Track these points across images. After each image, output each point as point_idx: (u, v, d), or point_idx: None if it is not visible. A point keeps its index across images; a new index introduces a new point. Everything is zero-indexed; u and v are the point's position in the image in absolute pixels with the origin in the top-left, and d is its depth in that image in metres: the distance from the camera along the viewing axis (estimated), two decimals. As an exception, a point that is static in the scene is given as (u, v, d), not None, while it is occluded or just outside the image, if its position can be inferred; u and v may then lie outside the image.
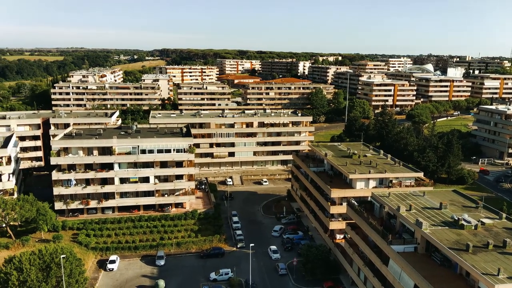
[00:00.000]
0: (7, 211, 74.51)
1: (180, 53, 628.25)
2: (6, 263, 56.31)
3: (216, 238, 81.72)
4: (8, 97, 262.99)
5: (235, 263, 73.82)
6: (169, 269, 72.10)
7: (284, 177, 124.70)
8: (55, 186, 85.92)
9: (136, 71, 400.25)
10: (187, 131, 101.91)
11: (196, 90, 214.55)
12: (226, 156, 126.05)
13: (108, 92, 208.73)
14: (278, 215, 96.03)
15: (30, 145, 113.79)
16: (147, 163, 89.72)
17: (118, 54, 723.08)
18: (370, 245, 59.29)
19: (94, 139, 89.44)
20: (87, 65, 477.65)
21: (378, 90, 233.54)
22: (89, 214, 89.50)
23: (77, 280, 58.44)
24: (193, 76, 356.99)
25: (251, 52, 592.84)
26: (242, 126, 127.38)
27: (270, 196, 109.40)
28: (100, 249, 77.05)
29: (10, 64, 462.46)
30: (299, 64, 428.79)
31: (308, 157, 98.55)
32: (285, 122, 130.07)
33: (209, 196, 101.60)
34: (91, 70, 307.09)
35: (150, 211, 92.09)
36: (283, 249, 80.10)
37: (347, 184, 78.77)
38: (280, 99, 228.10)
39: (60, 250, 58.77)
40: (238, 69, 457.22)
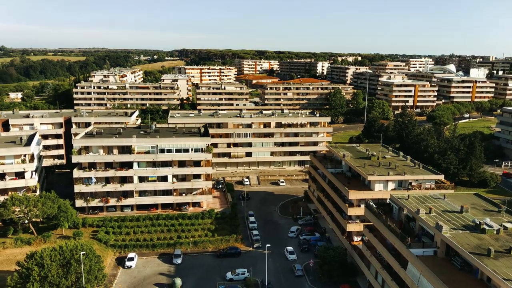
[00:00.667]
0: (30, 207, 76.42)
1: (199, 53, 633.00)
2: (28, 258, 57.73)
3: (233, 237, 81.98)
4: (32, 96, 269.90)
5: (251, 263, 73.88)
6: (186, 268, 72.68)
7: (301, 178, 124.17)
8: (76, 184, 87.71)
9: (155, 71, 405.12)
10: (205, 131, 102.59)
11: (214, 90, 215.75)
12: (243, 156, 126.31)
13: (128, 92, 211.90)
14: (295, 216, 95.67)
15: (52, 144, 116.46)
16: (166, 162, 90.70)
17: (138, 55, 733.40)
18: (388, 248, 58.44)
19: (114, 138, 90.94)
20: (108, 65, 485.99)
21: (398, 90, 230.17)
22: (108, 212, 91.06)
23: (96, 276, 59.47)
24: (212, 76, 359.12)
25: (270, 52, 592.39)
26: (259, 126, 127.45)
27: (287, 196, 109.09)
28: (119, 246, 78.26)
29: (34, 64, 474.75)
30: (317, 64, 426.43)
31: (325, 158, 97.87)
32: (302, 122, 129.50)
33: (226, 196, 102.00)
34: (112, 70, 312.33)
35: (168, 209, 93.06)
36: (300, 250, 79.75)
37: (365, 186, 77.86)
38: (298, 100, 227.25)
39: (80, 247, 59.91)
40: (256, 69, 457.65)
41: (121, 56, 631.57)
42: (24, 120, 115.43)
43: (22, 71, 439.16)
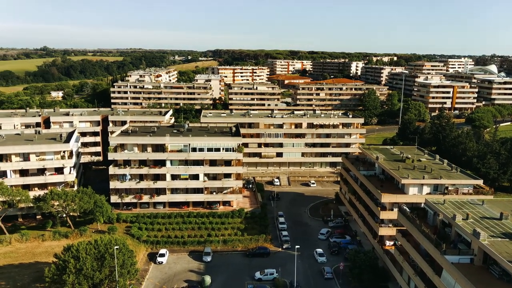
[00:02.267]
0: (68, 202, 79.42)
1: (232, 53, 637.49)
2: (65, 251, 60.01)
3: (262, 237, 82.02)
4: (72, 95, 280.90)
5: (280, 263, 73.63)
6: (215, 266, 73.37)
7: (332, 180, 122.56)
8: (112, 180, 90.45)
9: (189, 71, 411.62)
10: (236, 131, 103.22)
11: (246, 90, 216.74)
12: (274, 156, 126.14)
13: (163, 91, 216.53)
14: (325, 218, 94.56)
15: (90, 141, 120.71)
16: (197, 161, 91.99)
17: (173, 55, 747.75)
18: (422, 253, 56.65)
19: (148, 136, 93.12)
20: (144, 65, 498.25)
21: (435, 92, 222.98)
22: (141, 208, 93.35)
23: (128, 271, 61.00)
24: (244, 76, 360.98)
25: (303, 53, 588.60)
26: (291, 126, 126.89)
27: (318, 198, 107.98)
28: (151, 242, 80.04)
29: (75, 64, 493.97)
30: (351, 65, 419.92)
31: (358, 160, 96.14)
32: (335, 123, 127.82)
33: (256, 196, 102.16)
34: (148, 70, 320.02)
35: (198, 207, 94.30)
36: (330, 253, 78.73)
37: (399, 189, 75.86)
38: (331, 100, 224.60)
39: (114, 242, 61.64)
40: (288, 69, 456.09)
41: (157, 56, 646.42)
42: (64, 118, 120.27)
43: (63, 71, 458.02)
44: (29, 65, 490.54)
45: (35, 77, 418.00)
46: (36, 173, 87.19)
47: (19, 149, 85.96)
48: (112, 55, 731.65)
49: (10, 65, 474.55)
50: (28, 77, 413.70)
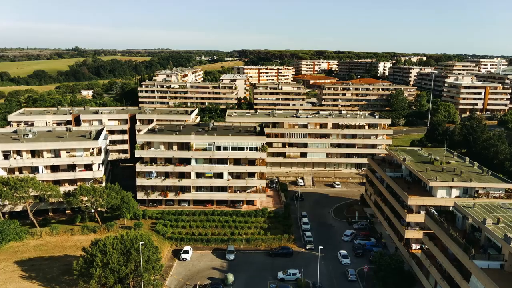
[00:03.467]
0: (96, 197, 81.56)
1: (257, 53, 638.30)
2: (92, 245, 61.64)
3: (285, 237, 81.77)
4: (101, 94, 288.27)
5: (303, 264, 73.22)
6: (238, 264, 73.65)
7: (357, 181, 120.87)
8: (138, 177, 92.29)
9: (215, 71, 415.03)
10: (260, 130, 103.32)
11: (271, 90, 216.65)
12: (298, 156, 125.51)
13: (189, 91, 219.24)
14: (350, 219, 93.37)
15: (118, 139, 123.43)
16: (222, 160, 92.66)
17: (199, 55, 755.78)
18: (449, 258, 55.10)
19: (174, 135, 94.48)
20: (171, 65, 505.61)
21: (466, 92, 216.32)
22: (166, 205, 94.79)
23: (153, 266, 62.02)
24: (269, 76, 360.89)
25: (329, 52, 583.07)
26: (315, 126, 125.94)
27: (342, 199, 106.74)
28: (175, 239, 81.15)
29: (104, 64, 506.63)
30: (379, 65, 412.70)
31: (384, 161, 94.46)
32: (361, 124, 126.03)
33: (280, 196, 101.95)
34: (175, 70, 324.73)
35: (222, 206, 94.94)
36: (354, 255, 77.70)
37: (426, 192, 74.04)
38: (357, 100, 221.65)
39: (140, 237, 62.86)
40: (314, 69, 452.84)
41: (184, 56, 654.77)
42: (93, 116, 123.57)
43: (94, 70, 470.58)
44: (61, 64, 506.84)
45: (67, 76, 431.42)
46: (66, 169, 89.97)
47: (51, 146, 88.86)
48: (140, 55, 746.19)
49: (43, 65, 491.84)
50: (60, 77, 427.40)
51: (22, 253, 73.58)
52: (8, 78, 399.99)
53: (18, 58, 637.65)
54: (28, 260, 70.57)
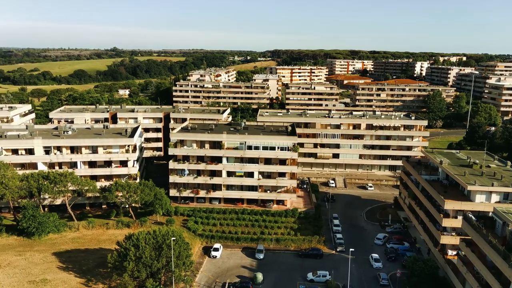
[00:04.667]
0: (130, 193, 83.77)
1: (290, 53, 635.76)
2: (126, 239, 63.36)
3: (315, 239, 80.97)
4: (137, 93, 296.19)
5: (333, 266, 72.23)
6: (268, 264, 73.59)
7: (391, 184, 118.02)
8: (171, 174, 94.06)
9: (248, 71, 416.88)
10: (292, 130, 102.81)
11: (303, 90, 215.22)
12: (330, 157, 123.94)
13: (221, 90, 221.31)
14: (383, 222, 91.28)
15: (152, 136, 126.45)
16: (253, 159, 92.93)
17: (233, 55, 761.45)
18: (488, 265, 52.70)
19: (206, 134, 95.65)
20: (205, 65, 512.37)
21: (509, 94, 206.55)
22: (198, 203, 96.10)
23: (184, 262, 63.06)
24: (302, 76, 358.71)
25: (364, 52, 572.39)
26: (348, 127, 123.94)
27: (375, 202, 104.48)
28: (206, 236, 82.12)
29: (141, 64, 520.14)
30: (415, 65, 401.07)
31: (420, 164, 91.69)
32: (396, 125, 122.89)
33: (310, 196, 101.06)
34: (208, 70, 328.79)
35: (252, 205, 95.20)
36: (386, 259, 75.90)
37: (464, 196, 71.21)
38: (392, 101, 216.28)
39: (171, 233, 64.03)
40: (348, 69, 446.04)
41: (217, 56, 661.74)
42: (129, 114, 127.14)
43: (130, 70, 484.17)
44: (100, 64, 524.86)
45: (105, 76, 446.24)
46: (103, 165, 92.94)
47: (89, 142, 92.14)
48: (175, 55, 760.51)
49: (83, 65, 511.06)
50: (99, 76, 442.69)
51: (60, 245, 76.68)
52: (51, 77, 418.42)
53: (60, 58, 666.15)
54: (66, 252, 73.44)
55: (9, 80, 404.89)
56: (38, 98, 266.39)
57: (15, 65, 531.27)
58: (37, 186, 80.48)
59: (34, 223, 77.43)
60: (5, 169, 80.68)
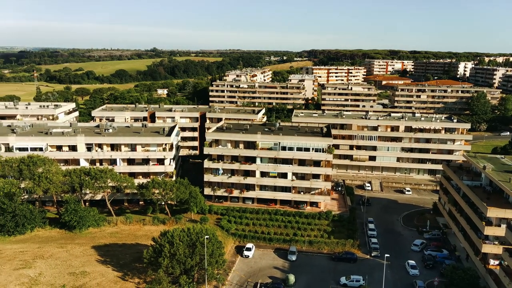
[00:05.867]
0: (166, 191, 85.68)
1: (327, 53, 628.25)
2: (162, 236, 64.84)
3: (349, 242, 79.58)
4: (175, 92, 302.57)
5: (368, 271, 70.69)
6: (300, 265, 73.07)
7: (430, 188, 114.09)
8: (206, 173, 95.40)
9: (284, 71, 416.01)
10: (327, 131, 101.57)
11: (340, 90, 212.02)
12: (366, 159, 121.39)
13: (257, 90, 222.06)
14: (420, 228, 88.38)
15: (189, 135, 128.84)
16: (286, 160, 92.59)
17: (269, 55, 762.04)
18: (534, 278, 49.83)
19: (241, 134, 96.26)
20: (241, 65, 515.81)
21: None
22: (231, 202, 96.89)
23: (217, 260, 63.73)
24: (339, 76, 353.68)
25: (404, 52, 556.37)
26: (386, 129, 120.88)
27: (413, 207, 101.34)
28: (239, 235, 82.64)
29: (179, 64, 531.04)
30: (459, 65, 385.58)
31: (461, 169, 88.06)
32: (436, 128, 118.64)
33: (345, 199, 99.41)
34: (244, 70, 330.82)
35: (285, 206, 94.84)
36: (423, 266, 73.40)
37: (508, 204, 67.64)
38: (433, 103, 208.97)
39: (205, 231, 64.92)
40: (387, 69, 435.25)
41: (253, 57, 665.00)
42: (167, 113, 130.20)
43: (169, 70, 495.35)
44: (140, 64, 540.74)
45: (145, 75, 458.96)
46: (141, 163, 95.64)
47: (128, 140, 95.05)
48: (212, 55, 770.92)
49: (124, 65, 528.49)
50: (139, 76, 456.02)
51: (99, 239, 79.59)
52: (94, 77, 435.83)
53: (103, 58, 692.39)
54: (104, 246, 76.12)
55: (55, 79, 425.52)
56: (82, 96, 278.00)
57: (61, 64, 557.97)
58: (79, 181, 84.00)
59: (75, 217, 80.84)
60: (49, 165, 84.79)
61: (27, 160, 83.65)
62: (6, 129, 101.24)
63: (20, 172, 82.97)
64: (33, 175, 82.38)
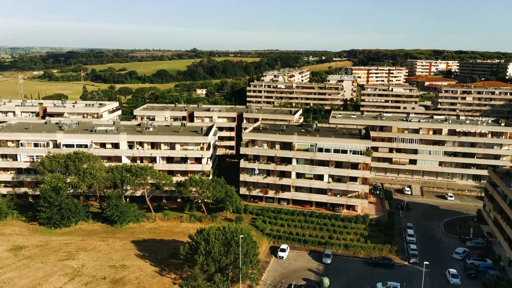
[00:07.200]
0: (203, 189, 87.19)
1: (368, 53, 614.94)
2: (198, 233, 66.05)
3: (387, 247, 77.64)
4: (213, 92, 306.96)
5: (405, 278, 68.73)
6: (335, 269, 72.12)
7: (474, 194, 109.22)
8: (242, 173, 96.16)
9: (322, 71, 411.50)
10: (366, 133, 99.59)
11: (380, 91, 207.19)
12: (406, 163, 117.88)
13: (294, 91, 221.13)
14: (463, 236, 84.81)
15: (226, 135, 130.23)
16: (323, 162, 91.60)
17: (307, 56, 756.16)
18: None
19: (277, 134, 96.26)
20: (279, 65, 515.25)
21: None
22: (266, 202, 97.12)
23: (251, 260, 64.10)
24: (379, 77, 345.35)
25: (449, 52, 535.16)
26: (428, 132, 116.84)
27: (455, 213, 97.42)
28: (273, 236, 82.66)
29: (218, 64, 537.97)
30: (508, 66, 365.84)
31: (508, 175, 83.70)
32: (482, 131, 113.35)
33: (383, 203, 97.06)
34: (282, 70, 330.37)
35: (321, 208, 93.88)
36: (465, 275, 70.42)
37: (561, 214, 63.58)
38: (479, 105, 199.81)
39: (240, 231, 65.42)
40: (430, 70, 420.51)
41: (291, 57, 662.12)
42: (205, 113, 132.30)
43: (208, 71, 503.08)
44: (180, 65, 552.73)
45: (184, 75, 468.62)
46: (179, 161, 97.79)
47: (168, 139, 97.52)
48: (250, 56, 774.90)
49: (165, 65, 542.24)
50: (179, 76, 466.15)
51: (139, 234, 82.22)
52: (136, 77, 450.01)
53: (145, 58, 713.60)
54: (143, 241, 78.56)
55: (100, 78, 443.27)
56: (125, 96, 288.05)
57: (106, 64, 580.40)
58: (120, 178, 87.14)
59: (116, 212, 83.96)
60: (94, 161, 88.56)
61: (73, 156, 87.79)
62: (54, 126, 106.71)
63: (66, 167, 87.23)
64: (78, 170, 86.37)
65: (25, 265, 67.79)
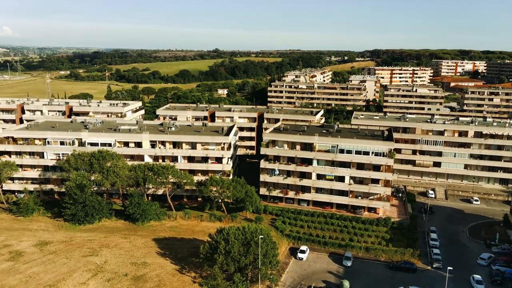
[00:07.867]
0: (224, 189, 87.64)
1: (391, 53, 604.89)
2: (218, 233, 66.50)
3: (409, 251, 76.20)
4: (234, 92, 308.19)
5: (428, 283, 67.36)
6: (355, 272, 71.31)
7: (501, 199, 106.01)
8: (262, 173, 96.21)
9: (344, 71, 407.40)
10: (388, 135, 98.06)
11: (404, 92, 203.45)
12: (430, 165, 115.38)
13: (316, 91, 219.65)
14: (488, 241, 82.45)
15: (246, 135, 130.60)
16: (344, 163, 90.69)
17: (329, 56, 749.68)
18: None
19: (298, 135, 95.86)
20: (301, 66, 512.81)
21: None
22: (286, 203, 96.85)
23: (270, 261, 64.07)
24: (403, 77, 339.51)
25: (475, 52, 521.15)
26: (453, 134, 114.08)
27: (480, 217, 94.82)
28: (293, 237, 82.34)
29: (239, 64, 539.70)
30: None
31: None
32: (510, 134, 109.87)
33: (406, 206, 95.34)
34: (303, 70, 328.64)
35: (342, 210, 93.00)
36: (490, 282, 68.53)
37: None
38: (508, 107, 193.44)
39: (260, 231, 65.51)
40: (456, 70, 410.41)
41: (313, 57, 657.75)
42: (226, 113, 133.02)
43: (229, 71, 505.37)
44: (202, 65, 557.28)
45: (206, 76, 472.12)
46: (200, 161, 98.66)
47: (189, 139, 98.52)
48: (272, 56, 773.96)
49: (187, 65, 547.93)
50: (201, 76, 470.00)
51: (160, 232, 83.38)
52: (159, 77, 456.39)
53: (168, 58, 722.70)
54: (164, 239, 79.64)
55: (124, 78, 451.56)
56: (148, 95, 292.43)
57: (129, 65, 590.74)
58: (143, 176, 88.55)
59: (139, 210, 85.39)
60: (117, 159, 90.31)
61: (97, 155, 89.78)
62: (79, 125, 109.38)
63: (91, 165, 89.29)
64: (102, 168, 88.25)
65: (50, 260, 69.78)
